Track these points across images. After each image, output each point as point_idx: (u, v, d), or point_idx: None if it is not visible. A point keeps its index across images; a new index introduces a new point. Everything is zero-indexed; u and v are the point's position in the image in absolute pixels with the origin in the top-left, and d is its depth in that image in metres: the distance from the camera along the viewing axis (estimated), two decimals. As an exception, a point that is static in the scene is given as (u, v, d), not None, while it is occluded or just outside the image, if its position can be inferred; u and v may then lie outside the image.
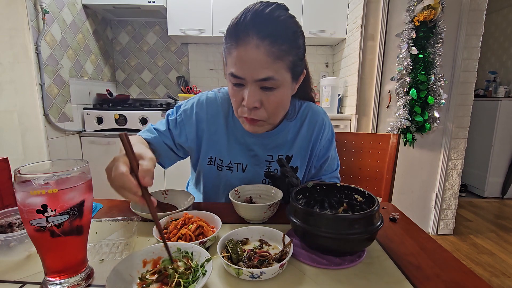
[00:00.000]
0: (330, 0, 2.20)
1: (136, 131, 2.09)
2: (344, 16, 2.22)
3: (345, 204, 0.60)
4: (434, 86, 1.85)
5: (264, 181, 0.80)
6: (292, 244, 0.48)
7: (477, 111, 2.89)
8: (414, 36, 1.82)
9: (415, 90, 1.85)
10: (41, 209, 0.37)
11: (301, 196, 0.60)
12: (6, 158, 0.64)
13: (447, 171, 2.10)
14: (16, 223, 0.53)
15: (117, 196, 0.51)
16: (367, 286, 0.43)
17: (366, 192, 0.56)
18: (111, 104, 2.22)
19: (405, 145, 2.04)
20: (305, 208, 0.48)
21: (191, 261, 0.44)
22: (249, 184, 0.73)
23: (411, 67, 1.85)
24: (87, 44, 2.24)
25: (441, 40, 1.82)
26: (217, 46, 2.64)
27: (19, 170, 0.38)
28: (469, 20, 1.92)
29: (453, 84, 2.00)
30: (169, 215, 0.59)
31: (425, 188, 2.15)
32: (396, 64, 1.94)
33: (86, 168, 0.42)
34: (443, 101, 1.88)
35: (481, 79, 3.24)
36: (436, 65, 1.84)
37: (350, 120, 2.08)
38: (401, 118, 1.90)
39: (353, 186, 0.59)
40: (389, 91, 2.01)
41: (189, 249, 0.46)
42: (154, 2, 2.10)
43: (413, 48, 1.82)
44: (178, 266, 0.42)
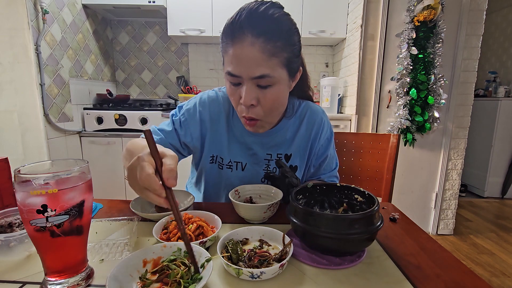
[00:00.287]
0: (330, 0, 2.20)
1: (136, 131, 2.11)
2: (344, 16, 2.22)
3: (345, 204, 0.60)
4: (434, 86, 1.85)
5: (264, 181, 0.80)
6: (292, 244, 0.48)
7: (477, 111, 2.89)
8: (414, 36, 1.82)
9: (415, 90, 1.85)
10: (41, 209, 0.37)
11: (301, 196, 0.60)
12: (6, 158, 0.64)
13: (447, 171, 2.10)
14: (16, 223, 0.53)
15: (117, 196, 0.51)
16: (367, 286, 0.43)
17: (366, 192, 0.56)
18: (111, 104, 2.22)
19: (405, 145, 2.04)
20: (305, 208, 0.48)
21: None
22: (249, 184, 0.73)
23: (411, 67, 1.85)
24: (87, 44, 2.24)
25: (441, 40, 1.82)
26: (217, 46, 2.64)
27: (19, 170, 0.38)
28: (469, 20, 1.92)
29: (453, 84, 2.00)
30: (169, 215, 0.59)
31: (425, 188, 2.15)
32: (396, 64, 1.94)
33: (86, 168, 0.42)
34: (443, 101, 1.88)
35: (481, 79, 3.24)
36: (436, 65, 1.84)
37: (350, 120, 2.08)
38: (401, 118, 1.90)
39: (353, 186, 0.59)
40: (389, 91, 2.01)
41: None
42: (154, 2, 2.10)
43: (413, 48, 1.82)
44: (180, 266, 0.42)
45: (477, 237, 2.15)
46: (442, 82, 1.85)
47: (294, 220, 0.49)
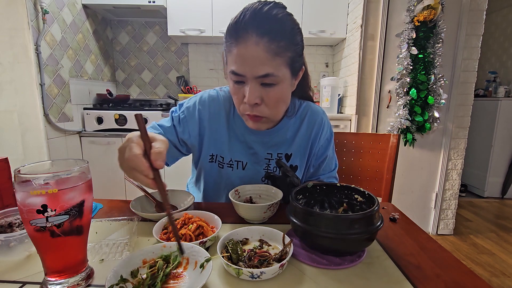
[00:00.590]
0: (330, 0, 2.20)
1: (136, 131, 2.10)
2: (344, 16, 2.22)
3: (345, 204, 0.60)
4: (434, 86, 1.85)
5: (264, 180, 0.80)
6: (292, 244, 0.48)
7: (477, 111, 2.89)
8: (414, 36, 1.82)
9: (415, 90, 1.85)
10: (41, 209, 0.37)
11: (301, 196, 0.60)
12: (6, 158, 0.64)
13: (447, 171, 2.10)
14: (16, 223, 0.53)
15: (117, 196, 0.51)
16: (367, 286, 0.43)
17: (366, 192, 0.56)
18: (111, 104, 2.22)
19: (405, 145, 2.04)
20: (305, 208, 0.48)
21: (189, 261, 0.44)
22: (249, 184, 0.73)
23: (411, 67, 1.85)
24: (87, 44, 2.24)
25: (441, 40, 1.82)
26: (217, 46, 2.64)
27: (19, 170, 0.38)
28: (469, 20, 1.92)
29: (453, 84, 2.00)
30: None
31: (425, 188, 2.15)
32: (396, 64, 1.94)
33: (86, 168, 0.42)
34: (443, 101, 1.88)
35: (481, 79, 3.24)
36: (436, 65, 1.84)
37: (350, 120, 2.08)
38: (401, 118, 1.90)
39: (353, 186, 0.59)
40: (389, 91, 2.01)
41: (189, 249, 0.46)
42: (154, 2, 2.10)
43: (413, 48, 1.82)
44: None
45: (477, 237, 2.15)
46: (442, 82, 1.85)
47: (294, 220, 0.49)
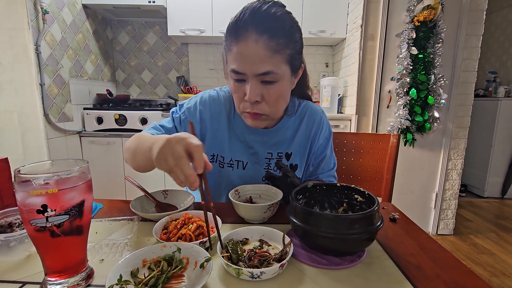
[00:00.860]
0: (330, 0, 2.20)
1: (136, 131, 2.10)
2: (344, 16, 2.22)
3: (345, 204, 0.60)
4: (434, 86, 1.85)
5: (265, 180, 0.80)
6: (292, 244, 0.48)
7: (477, 111, 2.88)
8: (414, 36, 1.81)
9: (415, 90, 1.85)
10: (41, 209, 0.37)
11: (301, 196, 0.60)
12: (6, 158, 0.64)
13: (447, 171, 2.10)
14: (16, 223, 0.53)
15: (117, 196, 0.51)
16: (367, 286, 0.43)
17: (366, 192, 0.56)
18: (111, 104, 2.22)
19: (405, 145, 2.04)
20: (305, 208, 0.48)
21: (190, 261, 0.44)
22: (249, 184, 0.73)
23: (411, 67, 1.84)
24: (87, 44, 2.24)
25: (441, 40, 1.82)
26: (217, 46, 2.64)
27: (19, 170, 0.38)
28: (469, 20, 1.92)
29: (453, 84, 2.00)
30: (169, 215, 0.59)
31: (425, 188, 2.15)
32: (396, 64, 1.94)
33: (86, 168, 0.42)
34: (443, 101, 1.88)
35: (481, 79, 3.24)
36: (436, 65, 1.84)
37: (350, 120, 2.08)
38: (401, 118, 1.90)
39: (353, 186, 0.59)
40: (389, 91, 2.01)
41: (189, 249, 0.46)
42: (154, 2, 2.10)
43: (413, 48, 1.82)
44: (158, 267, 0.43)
45: (477, 237, 2.15)
46: (442, 82, 1.85)
47: (294, 220, 0.49)
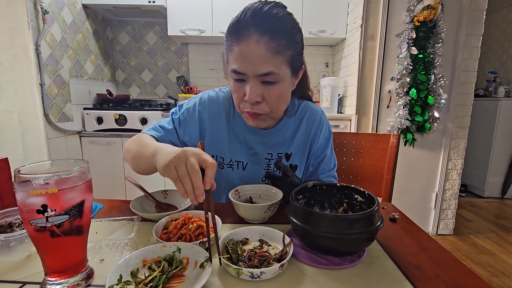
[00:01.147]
0: (330, 0, 2.20)
1: (136, 131, 2.11)
2: (344, 16, 2.22)
3: (345, 204, 0.60)
4: (434, 86, 1.85)
5: (265, 180, 0.80)
6: (292, 244, 0.48)
7: (477, 111, 2.88)
8: (414, 36, 1.81)
9: (415, 90, 1.85)
10: (41, 209, 0.37)
11: (301, 196, 0.60)
12: (6, 158, 0.64)
13: (447, 171, 2.10)
14: (16, 223, 0.53)
15: (117, 196, 0.51)
16: (367, 286, 0.43)
17: (366, 192, 0.56)
18: (111, 104, 2.22)
19: (405, 145, 2.04)
20: (305, 208, 0.48)
21: (190, 261, 0.44)
22: (249, 184, 0.73)
23: (411, 67, 1.84)
24: (87, 44, 2.24)
25: (441, 40, 1.82)
26: (217, 46, 2.64)
27: (19, 170, 0.38)
28: (469, 20, 1.92)
29: (453, 84, 2.00)
30: (169, 215, 0.59)
31: (425, 188, 2.15)
32: (396, 64, 1.94)
33: (86, 168, 0.42)
34: (443, 101, 1.88)
35: (481, 79, 3.24)
36: (436, 65, 1.84)
37: (350, 120, 2.08)
38: (401, 118, 1.90)
39: (353, 186, 0.59)
40: (389, 91, 2.01)
41: (189, 249, 0.46)
42: (154, 2, 2.10)
43: (413, 48, 1.82)
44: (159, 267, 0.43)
45: (477, 237, 2.15)
46: (442, 82, 1.85)
47: (294, 220, 0.49)
